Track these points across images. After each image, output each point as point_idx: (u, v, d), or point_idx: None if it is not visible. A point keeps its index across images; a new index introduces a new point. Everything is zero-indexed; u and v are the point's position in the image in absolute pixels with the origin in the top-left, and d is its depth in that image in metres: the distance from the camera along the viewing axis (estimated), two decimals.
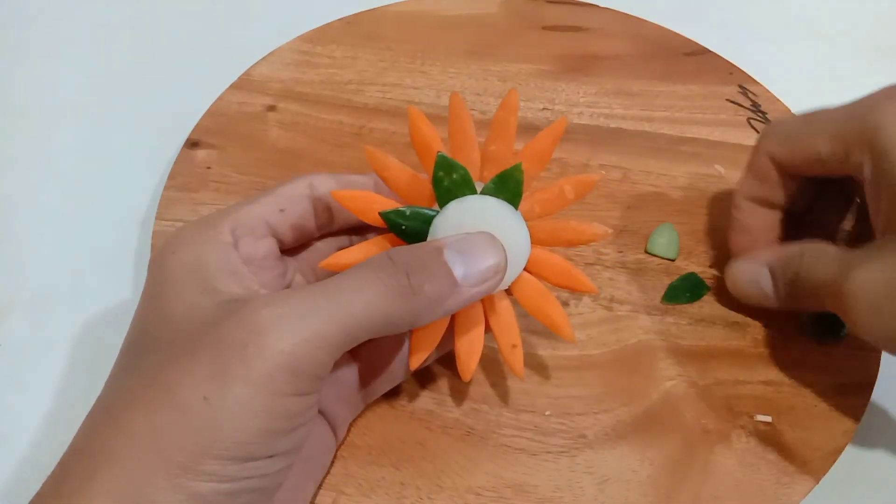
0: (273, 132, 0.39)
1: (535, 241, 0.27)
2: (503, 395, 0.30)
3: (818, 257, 0.28)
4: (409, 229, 0.26)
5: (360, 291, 0.22)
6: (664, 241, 0.35)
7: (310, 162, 0.38)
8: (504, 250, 0.25)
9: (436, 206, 0.26)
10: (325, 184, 0.28)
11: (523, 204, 0.27)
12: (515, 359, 0.27)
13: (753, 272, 0.30)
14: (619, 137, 0.39)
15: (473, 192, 0.26)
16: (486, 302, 0.27)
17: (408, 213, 0.26)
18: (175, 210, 0.35)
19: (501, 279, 0.25)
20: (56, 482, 0.21)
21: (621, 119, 0.40)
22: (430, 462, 0.29)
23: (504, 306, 0.27)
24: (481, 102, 0.40)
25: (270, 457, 0.21)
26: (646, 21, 0.44)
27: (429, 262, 0.24)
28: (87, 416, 0.23)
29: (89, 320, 0.34)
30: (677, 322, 0.33)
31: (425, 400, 0.30)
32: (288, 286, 0.28)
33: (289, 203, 0.27)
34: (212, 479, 0.20)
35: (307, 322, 0.21)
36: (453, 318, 0.27)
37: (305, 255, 0.29)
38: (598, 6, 0.45)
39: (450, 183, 0.26)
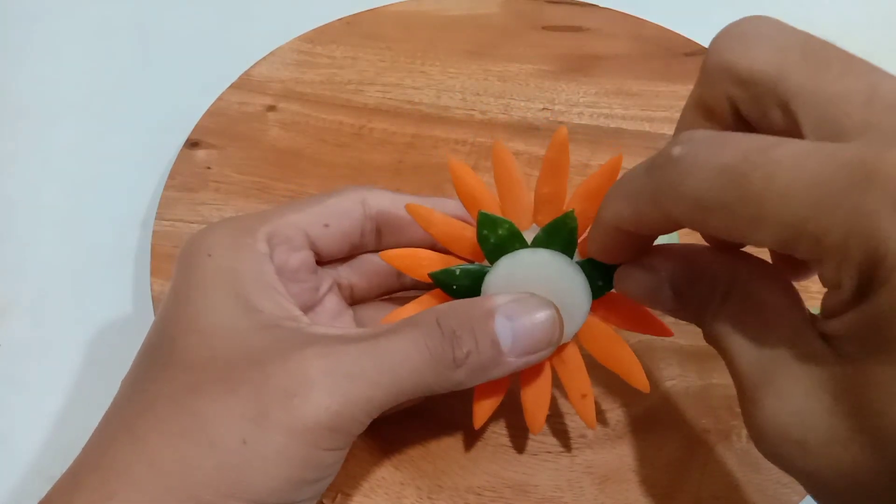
0: (273, 132, 0.39)
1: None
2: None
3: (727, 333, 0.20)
4: (460, 289, 0.25)
5: (407, 357, 0.22)
6: (664, 241, 0.34)
7: (310, 162, 0.38)
8: (559, 320, 0.24)
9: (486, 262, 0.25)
10: (380, 201, 0.27)
11: (583, 245, 0.25)
12: (586, 409, 0.26)
13: (650, 284, 0.23)
14: (619, 137, 0.39)
15: (524, 244, 0.25)
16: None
17: (458, 272, 0.25)
18: (175, 210, 0.35)
19: (552, 351, 0.24)
20: (68, 492, 0.20)
21: (621, 119, 0.40)
22: (430, 462, 0.29)
23: (571, 353, 0.26)
24: (481, 102, 0.40)
25: (296, 502, 0.21)
26: (646, 21, 0.44)
27: (476, 329, 0.23)
28: (103, 423, 0.22)
29: (89, 320, 0.34)
30: (677, 322, 0.32)
31: (425, 400, 0.30)
32: (320, 299, 0.27)
33: (336, 218, 0.26)
34: None
35: (355, 383, 0.21)
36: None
37: (345, 268, 0.28)
38: (598, 6, 0.45)
39: (496, 239, 0.24)
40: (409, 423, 0.30)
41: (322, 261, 0.27)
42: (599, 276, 0.25)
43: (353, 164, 0.38)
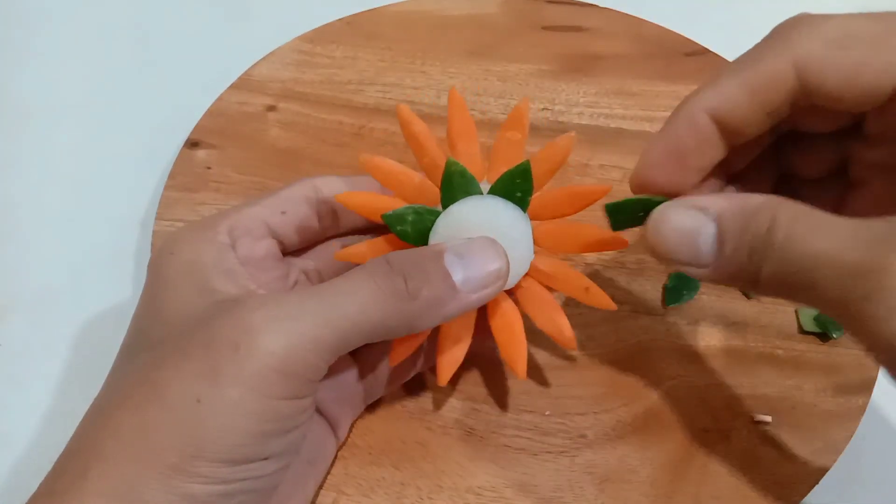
0: (273, 132, 0.39)
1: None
2: (503, 395, 0.30)
3: (812, 224, 0.19)
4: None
5: (354, 294, 0.22)
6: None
7: (310, 162, 0.38)
8: (503, 253, 0.24)
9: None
10: (330, 186, 0.27)
11: (490, 174, 0.26)
12: (597, 296, 0.26)
13: (693, 224, 0.21)
14: (619, 137, 0.39)
15: (434, 213, 0.26)
16: (534, 273, 0.26)
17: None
18: (175, 210, 0.35)
19: (503, 285, 0.25)
20: (50, 481, 0.21)
21: (621, 119, 0.40)
22: (430, 462, 0.29)
23: (550, 262, 0.27)
24: (481, 102, 0.40)
25: (264, 459, 0.21)
26: (646, 21, 0.44)
27: (427, 266, 0.23)
28: (84, 416, 0.23)
29: (89, 320, 0.34)
30: (677, 322, 0.33)
31: (426, 400, 0.30)
32: (291, 288, 0.28)
33: (291, 205, 0.27)
34: (204, 481, 0.20)
35: (300, 324, 0.21)
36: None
37: (311, 257, 0.29)
38: (598, 6, 0.45)
39: (412, 227, 0.25)
40: (409, 423, 0.30)
41: (287, 250, 0.28)
42: (517, 189, 0.25)
43: (353, 164, 0.37)
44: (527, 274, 0.26)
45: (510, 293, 0.27)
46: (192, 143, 0.38)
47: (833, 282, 0.19)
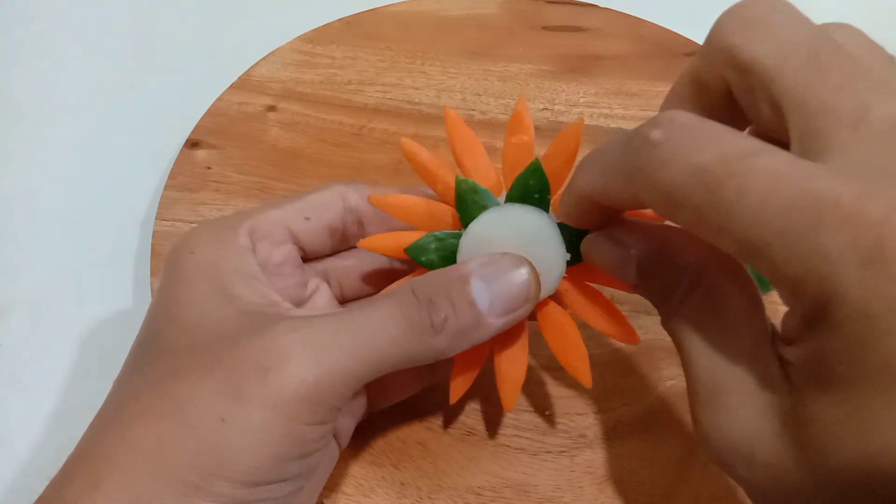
0: (273, 132, 0.39)
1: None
2: None
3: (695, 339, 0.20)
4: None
5: (384, 327, 0.22)
6: None
7: (310, 162, 0.38)
8: (534, 274, 0.24)
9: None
10: (358, 193, 0.27)
11: (507, 184, 0.26)
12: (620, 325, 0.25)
13: (617, 255, 0.23)
14: None
15: (455, 237, 0.25)
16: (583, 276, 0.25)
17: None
18: (175, 210, 0.35)
19: (532, 305, 0.24)
20: (59, 486, 0.21)
21: (621, 119, 0.40)
22: (430, 462, 0.29)
23: (577, 289, 0.26)
24: (481, 102, 0.40)
25: (282, 481, 0.21)
26: (646, 21, 0.44)
27: (452, 294, 0.23)
28: (95, 418, 0.22)
29: (89, 320, 0.34)
30: None
31: (426, 400, 0.30)
32: (309, 296, 0.27)
33: (316, 211, 0.26)
34: (220, 500, 0.20)
35: (331, 354, 0.21)
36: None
37: (334, 265, 0.28)
38: (598, 6, 0.45)
39: (437, 256, 0.25)
40: (409, 423, 0.30)
41: (308, 256, 0.27)
42: (532, 190, 0.25)
43: (353, 164, 0.38)
44: (566, 277, 0.25)
45: (555, 298, 0.26)
46: (192, 143, 0.38)
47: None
